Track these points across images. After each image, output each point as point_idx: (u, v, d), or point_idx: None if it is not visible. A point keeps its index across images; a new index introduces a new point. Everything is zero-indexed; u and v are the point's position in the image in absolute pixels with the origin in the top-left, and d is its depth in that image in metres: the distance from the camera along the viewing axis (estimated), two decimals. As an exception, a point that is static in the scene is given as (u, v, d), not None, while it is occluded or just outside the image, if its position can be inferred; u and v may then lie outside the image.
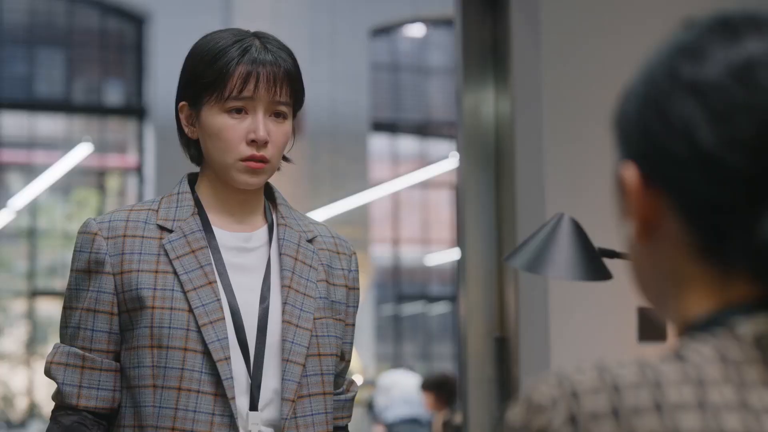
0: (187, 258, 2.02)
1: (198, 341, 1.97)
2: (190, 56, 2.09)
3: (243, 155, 2.02)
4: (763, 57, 0.88)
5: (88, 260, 2.03)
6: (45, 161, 11.73)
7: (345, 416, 2.21)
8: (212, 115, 2.04)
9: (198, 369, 1.97)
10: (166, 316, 1.98)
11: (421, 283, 15.10)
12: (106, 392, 2.03)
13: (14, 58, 12.51)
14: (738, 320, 0.88)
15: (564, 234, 2.34)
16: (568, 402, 0.84)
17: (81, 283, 2.05)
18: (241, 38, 2.06)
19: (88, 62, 12.85)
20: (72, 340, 2.05)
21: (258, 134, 2.01)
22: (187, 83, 2.09)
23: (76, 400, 2.02)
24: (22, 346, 12.14)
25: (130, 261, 2.01)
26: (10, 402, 11.85)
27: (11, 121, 12.67)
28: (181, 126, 2.11)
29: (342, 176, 12.42)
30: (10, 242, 12.61)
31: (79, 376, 2.03)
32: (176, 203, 2.09)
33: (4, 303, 12.45)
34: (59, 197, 12.64)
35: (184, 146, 2.14)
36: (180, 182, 2.13)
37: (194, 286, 1.99)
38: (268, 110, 2.04)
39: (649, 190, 0.91)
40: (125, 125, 13.11)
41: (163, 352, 1.97)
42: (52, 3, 12.60)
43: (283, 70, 2.04)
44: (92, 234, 2.04)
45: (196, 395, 1.96)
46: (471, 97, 3.76)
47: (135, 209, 2.09)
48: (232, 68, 2.02)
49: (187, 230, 2.04)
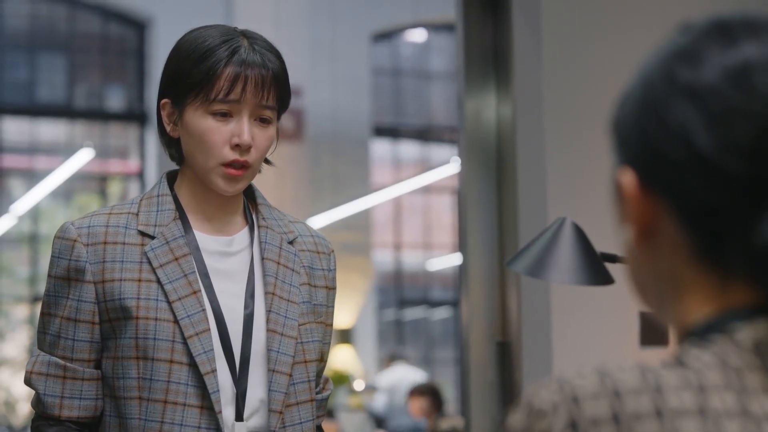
0: (170, 266, 1.97)
1: (184, 353, 1.93)
2: (175, 52, 2.03)
3: (225, 159, 1.97)
4: (760, 61, 0.88)
5: (68, 267, 1.98)
6: (47, 167, 11.74)
7: (321, 415, 2.16)
8: (196, 117, 1.98)
9: (184, 381, 1.93)
10: (151, 327, 1.94)
11: (423, 288, 15.10)
12: (89, 401, 2.00)
13: (16, 64, 12.51)
14: (737, 326, 0.87)
15: (566, 238, 2.34)
16: (568, 407, 0.84)
17: (60, 291, 2.00)
18: (230, 38, 1.99)
19: (90, 67, 12.86)
20: (52, 348, 2.01)
21: (242, 138, 1.96)
22: (170, 81, 2.02)
23: (58, 411, 2.00)
24: (23, 352, 12.13)
25: (112, 269, 1.96)
26: (12, 407, 11.85)
27: (13, 127, 12.68)
28: (162, 124, 2.05)
29: (343, 181, 12.42)
30: (11, 248, 12.60)
31: (60, 386, 2.00)
32: (157, 206, 2.03)
33: (6, 308, 12.45)
34: (61, 203, 12.64)
35: (164, 145, 2.08)
36: (159, 183, 2.07)
37: (179, 296, 1.95)
38: (254, 114, 1.98)
39: (646, 195, 0.91)
40: (127, 130, 13.11)
41: (149, 364, 1.93)
42: (54, 8, 12.61)
43: (272, 74, 1.98)
44: (71, 240, 1.99)
45: (183, 408, 1.93)
46: (472, 101, 3.76)
47: (114, 213, 2.03)
48: (220, 69, 1.95)
49: (170, 236, 2.00)
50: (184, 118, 2.00)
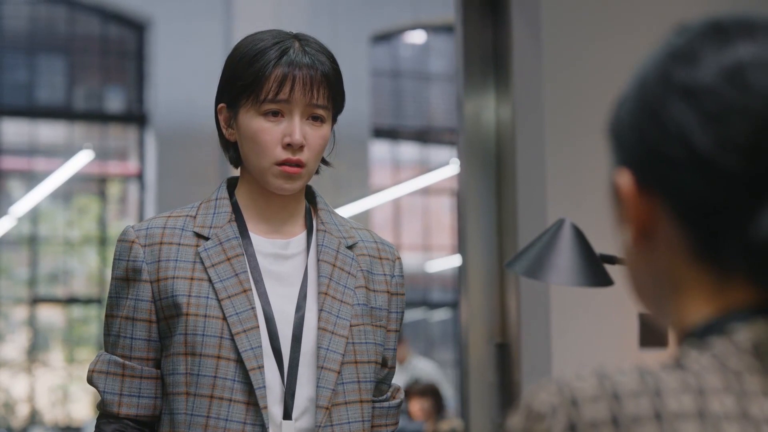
0: (222, 266, 2.01)
1: (231, 349, 1.96)
2: (230, 57, 2.08)
3: (278, 159, 2.01)
4: (755, 59, 0.88)
5: (126, 268, 2.03)
6: (46, 168, 11.73)
7: (390, 423, 2.17)
8: (248, 118, 2.02)
9: (231, 377, 1.96)
10: (200, 323, 1.97)
11: (422, 290, 15.09)
12: (147, 399, 2.03)
13: (15, 65, 12.51)
14: (736, 327, 0.87)
15: (565, 240, 2.34)
16: (567, 410, 0.84)
17: (120, 292, 2.05)
18: (281, 40, 2.04)
19: (89, 69, 12.86)
20: (113, 348, 2.06)
21: (293, 137, 2.00)
22: (225, 85, 2.07)
23: (117, 408, 2.03)
24: (23, 353, 12.13)
25: (166, 268, 2.01)
26: (11, 409, 11.84)
27: (12, 128, 12.67)
28: (220, 128, 2.10)
29: (342, 182, 12.42)
30: (11, 249, 12.60)
31: (119, 384, 2.04)
32: (214, 209, 2.07)
33: (5, 310, 12.45)
34: (60, 204, 12.63)
35: (223, 148, 2.12)
36: (218, 188, 2.12)
37: (228, 294, 1.99)
38: (305, 114, 2.02)
39: (644, 196, 0.92)
40: (126, 132, 13.11)
41: (197, 360, 1.97)
42: (53, 10, 12.61)
43: (321, 73, 2.02)
44: (130, 242, 2.04)
45: (228, 404, 1.95)
46: (472, 103, 3.76)
47: (173, 216, 2.08)
48: (269, 71, 2.00)
49: (223, 237, 2.03)
50: (238, 120, 2.05)
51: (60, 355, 12.14)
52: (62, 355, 12.06)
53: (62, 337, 12.29)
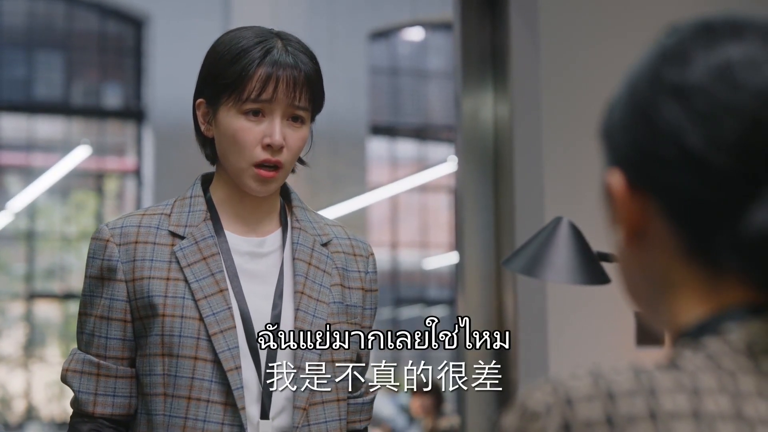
0: (198, 265, 2.00)
1: (208, 350, 1.95)
2: (210, 53, 2.05)
3: (257, 159, 1.99)
4: (744, 58, 0.89)
5: (101, 267, 2.02)
6: (43, 164, 11.73)
7: (363, 419, 2.18)
8: (229, 117, 2.00)
9: (208, 378, 1.95)
10: (177, 324, 1.96)
11: (420, 287, 15.10)
12: (122, 399, 2.03)
13: (13, 61, 12.50)
14: (729, 327, 0.88)
15: (562, 238, 2.34)
16: (562, 409, 0.84)
17: (95, 290, 2.04)
18: (264, 39, 2.01)
19: (87, 65, 12.85)
20: (87, 346, 2.05)
21: (273, 139, 1.98)
22: (205, 81, 2.05)
23: (92, 408, 2.02)
24: (19, 349, 12.13)
25: (142, 268, 2.00)
26: (8, 404, 11.85)
27: (10, 124, 12.67)
28: (198, 123, 2.08)
29: (341, 180, 12.42)
30: (8, 244, 12.60)
31: (94, 383, 2.03)
32: (188, 207, 2.06)
33: (2, 305, 12.45)
34: (58, 200, 12.63)
35: (200, 144, 2.11)
36: (193, 185, 2.10)
37: (205, 294, 1.98)
38: (286, 114, 2.00)
39: (636, 196, 0.92)
40: (124, 128, 13.10)
41: (174, 361, 1.96)
42: (51, 6, 12.60)
43: (304, 74, 2.00)
44: (104, 240, 2.03)
45: (206, 404, 1.95)
46: (470, 100, 3.76)
47: (148, 214, 2.06)
48: (252, 70, 1.98)
49: (199, 236, 2.02)
50: (217, 118, 2.03)
51: (57, 350, 12.15)
52: (59, 351, 12.06)
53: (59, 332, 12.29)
